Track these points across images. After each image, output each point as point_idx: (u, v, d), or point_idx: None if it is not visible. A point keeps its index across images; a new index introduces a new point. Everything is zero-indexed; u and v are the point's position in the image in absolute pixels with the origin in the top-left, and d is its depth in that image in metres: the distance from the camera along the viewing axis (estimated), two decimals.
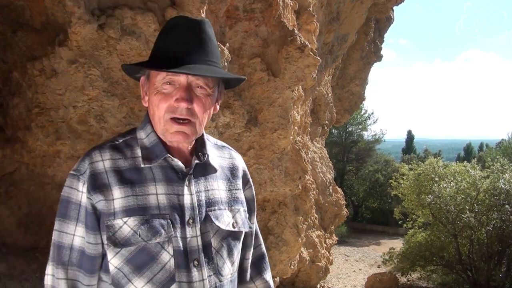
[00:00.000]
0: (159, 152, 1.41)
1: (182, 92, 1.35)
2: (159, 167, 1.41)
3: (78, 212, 1.35)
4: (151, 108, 1.42)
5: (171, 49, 1.37)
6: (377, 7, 11.99)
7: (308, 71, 6.27)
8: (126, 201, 1.34)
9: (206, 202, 1.44)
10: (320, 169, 10.19)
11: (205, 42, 1.39)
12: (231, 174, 1.58)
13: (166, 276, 1.33)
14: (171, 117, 1.37)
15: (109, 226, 1.33)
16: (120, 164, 1.39)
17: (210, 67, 1.38)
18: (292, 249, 7.54)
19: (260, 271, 1.72)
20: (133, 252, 1.32)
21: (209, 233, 1.42)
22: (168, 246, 1.34)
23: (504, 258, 11.17)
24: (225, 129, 5.84)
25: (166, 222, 1.35)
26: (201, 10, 4.69)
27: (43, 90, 4.88)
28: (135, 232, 1.32)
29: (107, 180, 1.35)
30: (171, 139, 1.40)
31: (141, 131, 1.47)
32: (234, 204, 1.53)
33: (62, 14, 4.52)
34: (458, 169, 11.99)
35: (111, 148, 1.41)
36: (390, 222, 22.40)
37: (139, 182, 1.37)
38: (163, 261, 1.33)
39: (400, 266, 12.49)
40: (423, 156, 28.65)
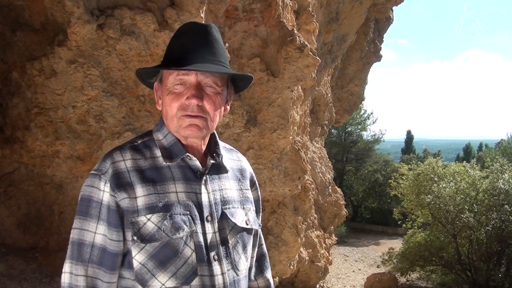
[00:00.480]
0: (178, 151, 1.48)
1: (192, 91, 1.43)
2: (177, 166, 1.48)
3: (99, 210, 1.39)
4: (164, 109, 1.50)
5: (180, 51, 1.45)
6: (376, 7, 11.99)
7: (308, 71, 6.27)
8: (149, 198, 1.39)
9: (221, 201, 1.51)
10: (320, 169, 10.19)
11: (212, 43, 1.48)
12: (241, 175, 1.67)
13: (189, 270, 1.38)
14: (183, 114, 1.44)
15: (133, 223, 1.37)
16: (140, 163, 1.45)
17: (218, 66, 1.46)
18: (291, 249, 7.54)
19: (262, 269, 1.77)
20: (157, 247, 1.37)
21: (226, 229, 1.49)
22: (190, 241, 1.40)
23: (503, 258, 11.17)
24: (224, 129, 5.84)
25: (188, 219, 1.41)
26: (201, 10, 4.69)
27: (43, 90, 4.88)
28: (159, 228, 1.37)
29: (130, 179, 1.41)
30: (185, 133, 1.46)
31: (158, 133, 1.54)
32: (246, 203, 1.61)
33: (61, 14, 4.52)
34: (457, 169, 11.99)
35: (131, 149, 1.48)
36: (389, 222, 22.42)
37: (160, 180, 1.43)
38: (185, 255, 1.39)
39: (399, 266, 12.49)
40: (422, 156, 28.69)
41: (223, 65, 1.48)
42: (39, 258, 5.80)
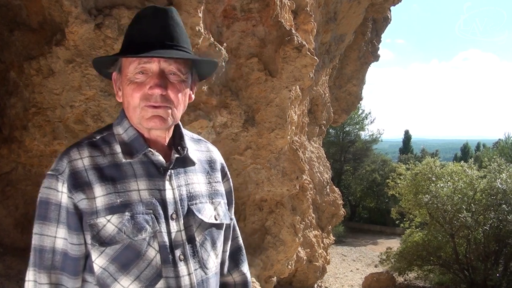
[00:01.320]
0: (139, 146, 1.39)
1: (155, 79, 1.34)
2: (139, 162, 1.39)
3: (58, 213, 1.32)
4: (125, 100, 1.41)
5: (140, 38, 1.36)
6: (374, 7, 12.01)
7: (306, 71, 6.28)
8: (108, 198, 1.31)
9: (188, 196, 1.43)
10: (318, 169, 10.20)
11: (174, 28, 1.39)
12: (210, 167, 1.57)
13: (153, 273, 1.31)
14: (146, 104, 1.35)
15: (92, 225, 1.30)
16: (99, 161, 1.36)
17: (181, 52, 1.38)
18: (289, 249, 7.54)
19: (237, 263, 1.70)
20: (118, 250, 1.30)
21: (192, 226, 1.41)
22: (154, 241, 1.33)
23: (501, 257, 11.21)
24: (222, 129, 5.84)
25: (151, 218, 1.33)
26: (199, 9, 4.69)
27: (40, 89, 4.87)
28: (120, 229, 1.29)
29: (88, 178, 1.32)
30: (148, 125, 1.37)
31: (118, 126, 1.45)
32: (215, 197, 1.52)
33: (59, 14, 4.51)
34: (455, 169, 12.03)
35: (89, 145, 1.39)
36: (387, 222, 22.44)
37: (120, 178, 1.35)
38: (149, 257, 1.32)
39: (397, 265, 12.51)
40: (420, 156, 28.75)
41: (186, 50, 1.39)
42: None
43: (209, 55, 5.03)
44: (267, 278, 7.51)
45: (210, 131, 5.51)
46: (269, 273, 7.46)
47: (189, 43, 1.43)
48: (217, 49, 5.09)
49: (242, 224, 7.24)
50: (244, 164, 6.66)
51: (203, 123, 5.28)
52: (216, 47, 5.08)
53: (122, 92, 1.42)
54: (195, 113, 5.17)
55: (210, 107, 5.46)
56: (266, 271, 7.33)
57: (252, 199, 7.25)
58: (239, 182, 6.84)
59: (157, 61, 1.35)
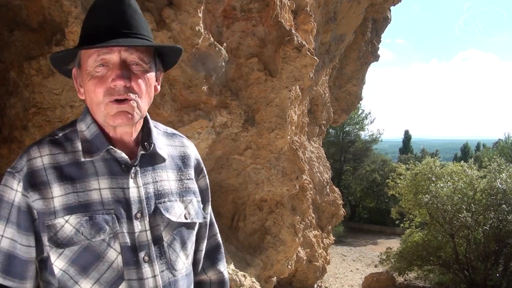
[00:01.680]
0: (100, 144, 1.32)
1: (117, 71, 1.26)
2: (101, 160, 1.32)
3: (9, 212, 1.26)
4: (88, 96, 1.33)
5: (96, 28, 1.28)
6: (374, 7, 12.00)
7: (306, 71, 6.28)
8: (67, 198, 1.25)
9: (155, 194, 1.36)
10: (318, 169, 10.20)
11: (132, 16, 1.31)
12: (182, 163, 1.50)
13: (114, 275, 1.26)
14: (110, 100, 1.27)
15: (50, 226, 1.24)
16: (59, 159, 1.30)
17: (142, 40, 1.30)
18: (289, 249, 7.55)
19: (214, 261, 1.64)
20: (76, 252, 1.24)
21: (160, 226, 1.34)
22: (114, 242, 1.27)
23: (501, 257, 11.21)
24: (222, 129, 5.84)
25: (111, 218, 1.27)
26: (198, 9, 4.69)
27: (40, 89, 4.87)
28: (77, 230, 1.23)
29: (46, 177, 1.27)
30: (114, 122, 1.30)
31: (81, 122, 1.38)
32: (186, 195, 1.45)
33: (59, 14, 4.51)
34: (455, 169, 12.03)
35: (50, 143, 1.33)
36: (387, 222, 22.44)
37: (80, 177, 1.29)
38: (109, 259, 1.26)
39: (397, 265, 12.51)
40: (420, 156, 28.74)
41: (146, 38, 1.31)
42: None
43: (209, 55, 5.03)
44: (267, 278, 7.51)
45: (210, 131, 5.51)
46: (269, 273, 7.46)
47: (149, 31, 1.36)
48: (217, 49, 5.09)
49: (242, 224, 7.24)
50: (244, 164, 6.66)
51: (203, 123, 5.27)
52: (216, 47, 5.08)
53: (84, 88, 1.34)
54: (195, 113, 5.17)
55: (210, 107, 5.46)
56: (266, 271, 7.33)
57: (252, 199, 7.25)
58: (239, 182, 6.84)
59: (117, 51, 1.27)
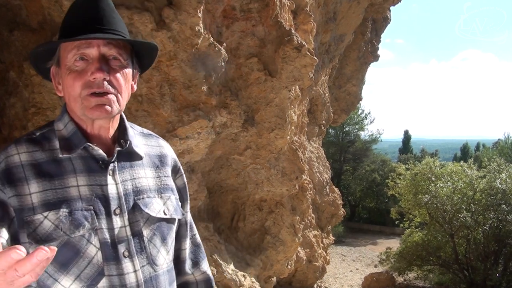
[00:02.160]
0: (78, 141, 1.34)
1: (96, 64, 1.28)
2: (79, 158, 1.33)
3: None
4: (66, 91, 1.34)
5: (75, 24, 1.31)
6: (374, 7, 12.01)
7: (305, 71, 6.28)
8: (45, 195, 1.26)
9: (134, 191, 1.38)
10: (317, 169, 10.20)
11: (110, 14, 1.34)
12: (160, 161, 1.52)
13: (94, 271, 1.26)
14: (88, 93, 1.29)
15: (29, 222, 1.24)
16: (37, 156, 1.31)
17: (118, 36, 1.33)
18: (289, 249, 7.55)
19: (197, 262, 1.66)
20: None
21: (139, 222, 1.35)
22: (94, 238, 1.27)
23: (500, 257, 11.22)
24: (222, 129, 5.84)
25: (90, 214, 1.27)
26: (198, 9, 4.69)
27: (40, 90, 4.87)
28: (57, 226, 1.24)
29: (24, 174, 1.27)
30: (92, 115, 1.30)
31: (59, 122, 1.39)
32: (164, 191, 1.47)
33: (59, 14, 4.51)
34: (454, 169, 12.04)
35: (27, 141, 1.34)
36: (387, 222, 22.46)
37: (58, 174, 1.29)
38: (89, 255, 1.26)
39: (397, 265, 12.53)
40: (419, 156, 28.76)
41: (124, 36, 1.34)
42: None
43: (208, 55, 5.03)
44: (266, 278, 7.51)
45: (210, 131, 5.51)
46: (268, 273, 7.46)
47: (126, 29, 1.39)
48: (217, 49, 5.09)
49: (241, 224, 7.24)
50: (244, 164, 6.66)
51: (202, 123, 5.27)
52: (215, 47, 5.08)
53: (62, 84, 1.35)
54: (195, 113, 5.17)
55: (209, 107, 5.46)
56: (266, 271, 7.33)
57: (252, 199, 7.25)
58: (238, 182, 6.84)
59: (97, 45, 1.29)
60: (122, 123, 1.46)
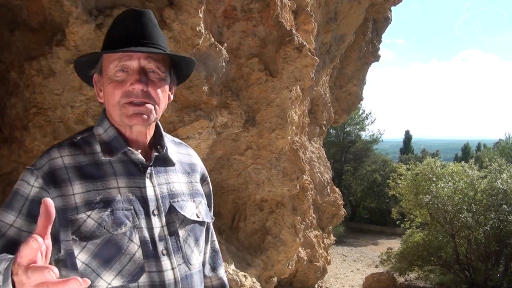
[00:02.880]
0: (119, 145, 1.42)
1: (136, 76, 1.37)
2: (118, 161, 1.41)
3: (22, 204, 1.33)
4: (106, 99, 1.43)
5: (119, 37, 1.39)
6: (374, 7, 12.00)
7: (306, 71, 6.27)
8: (88, 195, 1.33)
9: (169, 194, 1.45)
10: (318, 169, 10.20)
11: (151, 28, 1.42)
12: (190, 168, 1.61)
13: (135, 267, 1.32)
14: (127, 101, 1.38)
15: (72, 221, 1.30)
16: (79, 159, 1.39)
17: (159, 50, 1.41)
18: (290, 249, 7.54)
19: (215, 267, 1.73)
20: (99, 245, 1.30)
21: (175, 223, 1.43)
22: (135, 236, 1.34)
23: (501, 258, 11.21)
24: (223, 129, 5.83)
25: (131, 213, 1.35)
26: (199, 10, 4.68)
27: (41, 90, 4.87)
28: (100, 224, 1.30)
29: (67, 175, 1.34)
30: (130, 122, 1.40)
31: (98, 127, 1.48)
32: (196, 196, 1.55)
33: (59, 14, 4.51)
34: (455, 169, 12.03)
35: (69, 145, 1.42)
36: (387, 222, 22.44)
37: (100, 176, 1.37)
38: (130, 252, 1.32)
39: (397, 266, 12.51)
40: (420, 156, 28.73)
41: (164, 49, 1.43)
42: None
43: (209, 55, 5.03)
44: (267, 278, 7.51)
45: (211, 131, 5.51)
46: (269, 273, 7.45)
47: (166, 44, 1.47)
48: (218, 49, 5.09)
49: (242, 224, 7.24)
50: (245, 164, 6.66)
51: (203, 123, 5.27)
52: (216, 47, 5.07)
53: (103, 92, 1.44)
54: (196, 113, 5.17)
55: (210, 107, 5.46)
56: (267, 272, 7.33)
57: (253, 199, 7.25)
58: (239, 183, 6.84)
59: (137, 58, 1.37)
60: (158, 130, 1.54)
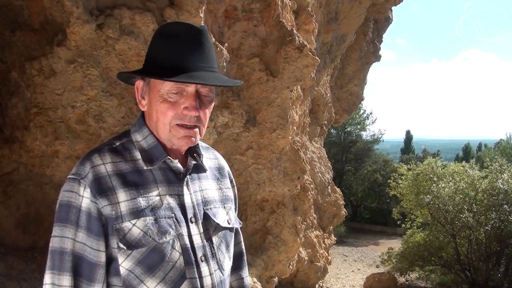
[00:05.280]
0: (159, 154, 1.43)
1: (192, 101, 1.37)
2: (158, 169, 1.43)
3: (78, 217, 1.32)
4: (154, 114, 1.42)
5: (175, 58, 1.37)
6: (375, 7, 11.99)
7: (307, 71, 6.27)
8: (133, 203, 1.34)
9: (202, 201, 1.48)
10: (319, 169, 10.20)
11: (209, 49, 1.41)
12: (219, 173, 1.63)
13: (177, 274, 1.35)
14: (178, 124, 1.39)
15: (118, 230, 1.32)
16: (121, 167, 1.39)
17: (214, 74, 1.41)
18: (290, 249, 7.54)
19: (237, 268, 1.73)
20: (144, 253, 1.33)
21: (210, 230, 1.46)
22: (177, 244, 1.37)
23: (502, 258, 11.19)
24: (223, 129, 5.84)
25: (173, 221, 1.38)
26: (200, 10, 4.69)
27: (42, 90, 4.87)
28: (145, 233, 1.33)
29: (111, 183, 1.35)
30: (178, 144, 1.42)
31: (137, 134, 1.47)
32: (226, 202, 1.58)
33: (60, 14, 4.51)
34: (456, 169, 12.01)
35: (110, 151, 1.41)
36: (388, 222, 22.43)
37: (143, 184, 1.38)
38: (173, 259, 1.35)
39: (398, 266, 12.49)
40: (421, 156, 28.69)
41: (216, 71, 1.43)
42: (38, 258, 5.80)
43: None
44: (268, 278, 7.51)
45: (212, 131, 5.51)
46: (270, 273, 7.45)
47: (216, 62, 1.47)
48: (219, 49, 5.09)
49: (243, 224, 7.22)
50: (246, 164, 6.66)
51: None
52: (217, 47, 5.08)
53: (149, 103, 1.43)
54: None
55: None
56: (267, 271, 7.33)
57: (254, 199, 7.25)
58: (240, 182, 6.84)
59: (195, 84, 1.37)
60: None
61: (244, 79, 6.05)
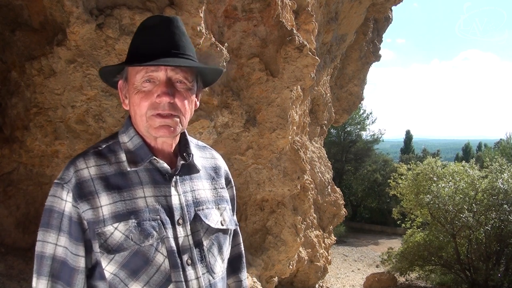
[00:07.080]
0: (144, 155, 1.42)
1: (163, 87, 1.36)
2: (144, 170, 1.41)
3: (60, 221, 1.33)
4: (132, 108, 1.42)
5: (146, 47, 1.38)
6: (375, 7, 12.00)
7: (307, 71, 6.27)
8: (115, 206, 1.33)
9: (194, 202, 1.46)
10: (319, 169, 10.20)
11: (179, 37, 1.41)
12: (215, 173, 1.61)
13: (162, 277, 1.34)
14: (153, 114, 1.37)
15: (100, 234, 1.31)
16: (105, 170, 1.38)
17: (187, 60, 1.40)
18: (290, 249, 7.54)
19: (236, 270, 1.73)
20: (126, 257, 1.32)
21: (200, 232, 1.44)
22: (161, 247, 1.35)
23: (502, 257, 11.19)
24: (223, 129, 5.83)
25: (157, 224, 1.35)
26: (200, 10, 4.68)
27: (42, 90, 4.87)
28: (127, 236, 1.32)
29: (94, 187, 1.34)
30: (156, 134, 1.40)
31: (123, 135, 1.47)
32: (220, 203, 1.55)
33: (60, 14, 4.51)
34: (456, 169, 12.01)
35: (95, 155, 1.41)
36: (388, 222, 22.45)
37: (126, 186, 1.37)
38: (157, 262, 1.34)
39: (398, 266, 12.50)
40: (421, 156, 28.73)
41: (191, 58, 1.42)
42: None
43: (210, 55, 5.03)
44: (268, 278, 7.51)
45: (212, 131, 5.51)
46: (270, 273, 7.45)
47: (194, 51, 1.45)
48: (218, 49, 5.09)
49: (243, 224, 7.23)
50: (245, 164, 6.66)
51: (204, 123, 5.28)
52: (217, 47, 5.08)
53: (129, 100, 1.44)
54: (196, 113, 5.17)
55: (211, 107, 5.46)
56: (267, 271, 7.32)
57: (253, 199, 7.25)
58: (240, 182, 6.84)
59: (164, 69, 1.37)
60: (183, 137, 1.54)
61: (244, 79, 6.05)
